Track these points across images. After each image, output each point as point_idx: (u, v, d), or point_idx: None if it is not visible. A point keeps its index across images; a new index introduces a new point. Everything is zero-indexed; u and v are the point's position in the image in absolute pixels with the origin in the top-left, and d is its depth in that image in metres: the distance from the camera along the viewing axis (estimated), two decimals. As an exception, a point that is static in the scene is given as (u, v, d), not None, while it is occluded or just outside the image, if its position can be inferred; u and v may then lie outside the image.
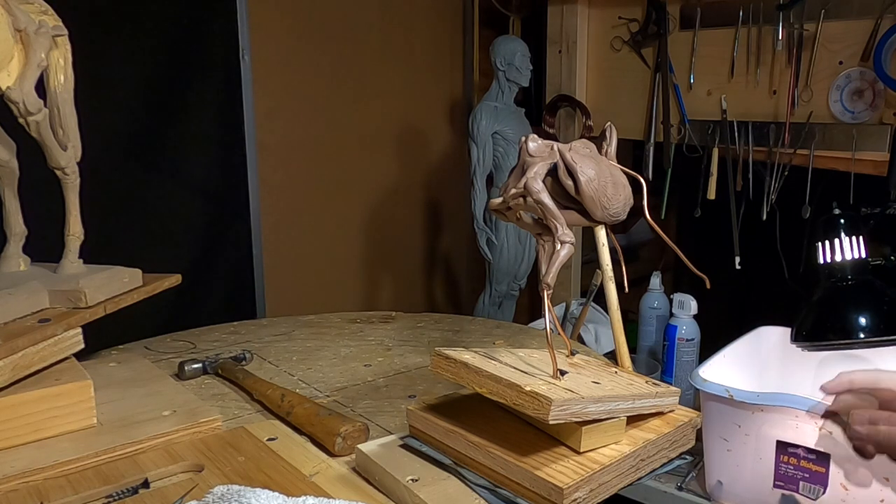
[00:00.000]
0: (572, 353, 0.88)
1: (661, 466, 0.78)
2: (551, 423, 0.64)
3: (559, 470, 0.67)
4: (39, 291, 0.93)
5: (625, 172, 0.93)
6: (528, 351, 0.83)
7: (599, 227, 0.95)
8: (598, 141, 0.95)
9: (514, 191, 0.85)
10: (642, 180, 0.90)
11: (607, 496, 0.70)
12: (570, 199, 0.89)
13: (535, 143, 0.87)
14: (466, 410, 0.79)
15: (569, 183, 0.87)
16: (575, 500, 0.65)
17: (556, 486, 0.65)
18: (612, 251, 0.96)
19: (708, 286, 0.93)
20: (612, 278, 0.96)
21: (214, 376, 1.09)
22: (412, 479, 0.72)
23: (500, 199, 0.88)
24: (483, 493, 0.71)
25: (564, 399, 0.65)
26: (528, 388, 0.65)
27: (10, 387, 0.81)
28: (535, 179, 0.83)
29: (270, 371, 1.11)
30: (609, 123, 0.97)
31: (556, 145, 0.88)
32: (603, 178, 0.88)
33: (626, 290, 0.96)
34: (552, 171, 0.87)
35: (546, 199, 0.82)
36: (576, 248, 1.56)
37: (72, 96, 0.99)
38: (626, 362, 0.95)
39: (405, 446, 0.79)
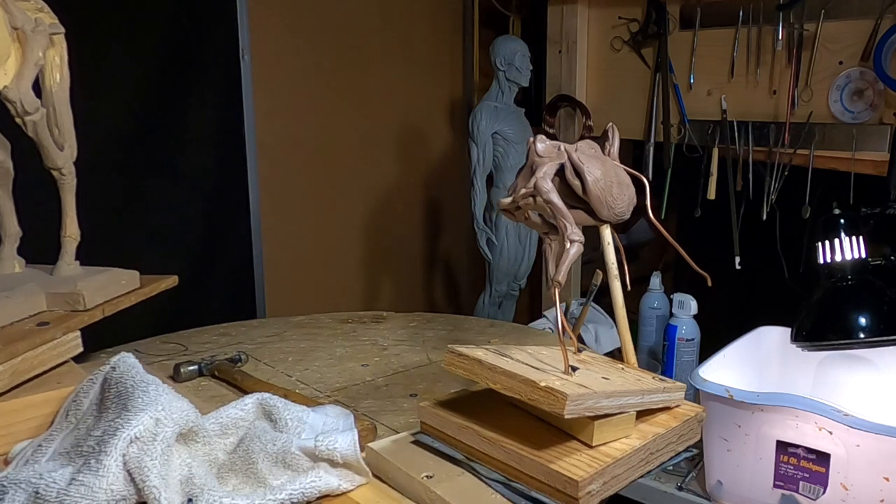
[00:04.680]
0: (579, 350, 0.89)
1: (669, 459, 0.79)
2: (566, 417, 0.65)
3: (573, 463, 0.68)
4: (36, 294, 0.92)
5: (628, 172, 0.93)
6: (537, 348, 0.83)
7: (604, 226, 0.96)
8: (600, 141, 0.96)
9: (524, 191, 0.86)
10: (645, 180, 0.91)
11: (619, 489, 0.70)
12: (576, 198, 0.90)
13: (543, 144, 0.87)
14: (476, 407, 0.80)
15: (576, 183, 0.87)
16: (589, 492, 0.66)
17: (572, 479, 0.65)
18: (616, 250, 0.97)
19: (709, 284, 0.94)
20: (618, 276, 0.96)
21: (210, 378, 1.06)
22: (427, 476, 0.72)
23: (509, 199, 0.89)
24: (498, 488, 0.71)
25: (579, 394, 0.65)
26: (542, 384, 0.66)
27: (10, 391, 0.80)
28: (545, 179, 0.83)
29: (267, 372, 1.10)
30: (611, 124, 0.97)
31: (563, 146, 0.88)
32: (608, 177, 0.89)
33: (629, 287, 0.97)
34: (559, 172, 0.88)
35: (556, 198, 0.82)
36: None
37: (68, 95, 0.98)
38: (632, 359, 0.96)
39: (417, 443, 0.79)
